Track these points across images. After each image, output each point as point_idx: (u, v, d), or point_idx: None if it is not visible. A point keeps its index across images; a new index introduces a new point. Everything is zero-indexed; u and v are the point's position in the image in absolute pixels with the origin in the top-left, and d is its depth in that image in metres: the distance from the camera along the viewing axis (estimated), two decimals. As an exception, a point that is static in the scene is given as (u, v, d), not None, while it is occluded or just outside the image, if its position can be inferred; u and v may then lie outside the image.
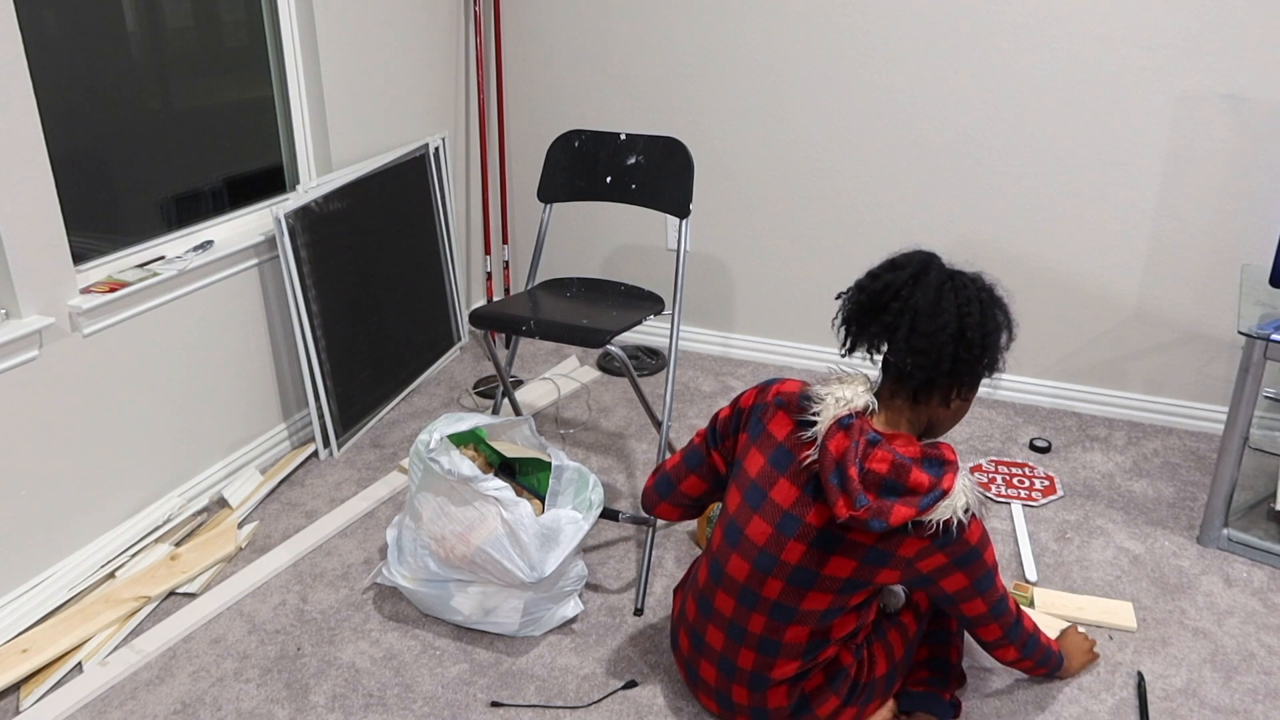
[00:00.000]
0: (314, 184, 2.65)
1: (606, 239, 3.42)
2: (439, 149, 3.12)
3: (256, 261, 2.55)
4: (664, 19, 3.07)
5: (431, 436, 2.02)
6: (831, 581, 1.58)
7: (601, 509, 2.10)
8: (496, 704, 1.87)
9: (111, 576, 2.19)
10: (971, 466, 2.67)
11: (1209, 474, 2.67)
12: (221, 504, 2.50)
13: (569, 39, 3.20)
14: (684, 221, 2.45)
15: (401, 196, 2.94)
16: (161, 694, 1.89)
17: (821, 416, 1.58)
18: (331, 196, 2.63)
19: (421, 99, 3.07)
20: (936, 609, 1.81)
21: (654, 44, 3.11)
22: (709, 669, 1.73)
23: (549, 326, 2.15)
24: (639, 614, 2.11)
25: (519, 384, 3.16)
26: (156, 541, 2.30)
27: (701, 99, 3.12)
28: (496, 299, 3.60)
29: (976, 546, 1.57)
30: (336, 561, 2.28)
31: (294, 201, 2.50)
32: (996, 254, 2.95)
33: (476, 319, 2.23)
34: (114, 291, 2.15)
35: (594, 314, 2.28)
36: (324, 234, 2.60)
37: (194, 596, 2.15)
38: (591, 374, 3.23)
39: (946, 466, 1.54)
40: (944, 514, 1.51)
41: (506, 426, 2.24)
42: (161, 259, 2.36)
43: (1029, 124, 2.79)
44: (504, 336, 3.48)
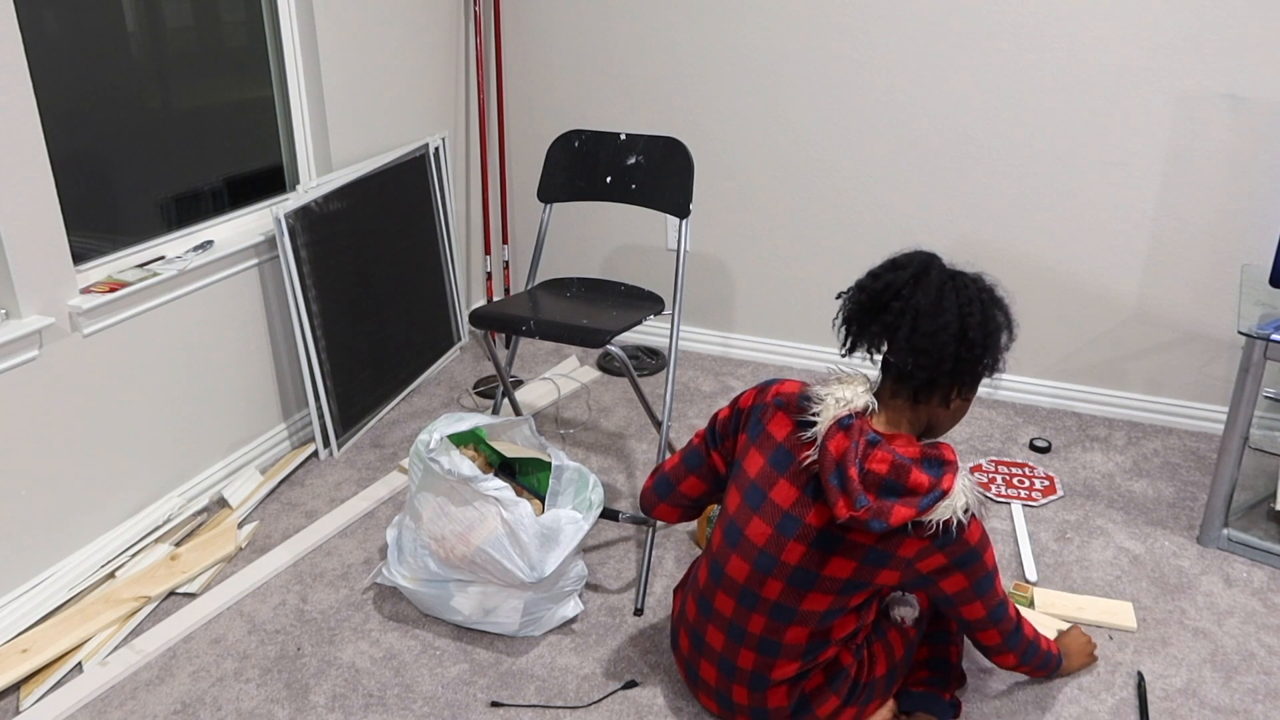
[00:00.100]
0: (314, 184, 2.65)
1: (606, 239, 3.42)
2: (439, 149, 3.12)
3: (256, 261, 2.55)
4: (664, 19, 3.07)
5: (431, 436, 2.02)
6: (831, 582, 1.58)
7: (601, 509, 2.10)
8: (496, 704, 1.87)
9: (111, 576, 2.19)
10: (971, 466, 2.67)
11: (1209, 474, 2.67)
12: (221, 504, 2.50)
13: (569, 39, 3.20)
14: (684, 221, 2.45)
15: (401, 196, 2.94)
16: (161, 694, 1.89)
17: (821, 417, 1.58)
18: (331, 196, 2.63)
19: (421, 99, 3.07)
20: (937, 609, 1.81)
21: (654, 44, 3.11)
22: (709, 669, 1.73)
23: (549, 326, 2.15)
24: (639, 614, 2.11)
25: (519, 384, 3.16)
26: (156, 541, 2.30)
27: (701, 99, 3.12)
28: (496, 299, 3.60)
29: (976, 547, 1.57)
30: (336, 561, 2.28)
31: (294, 201, 2.50)
32: (996, 254, 2.95)
33: (476, 319, 2.23)
34: (114, 291, 2.15)
35: (594, 314, 2.27)
36: (324, 234, 2.60)
37: (194, 596, 2.15)
38: (591, 374, 3.23)
39: (946, 467, 1.55)
40: (944, 514, 1.51)
41: (506, 426, 2.24)
42: (161, 259, 2.36)
43: (1029, 124, 2.79)
44: (504, 336, 3.48)
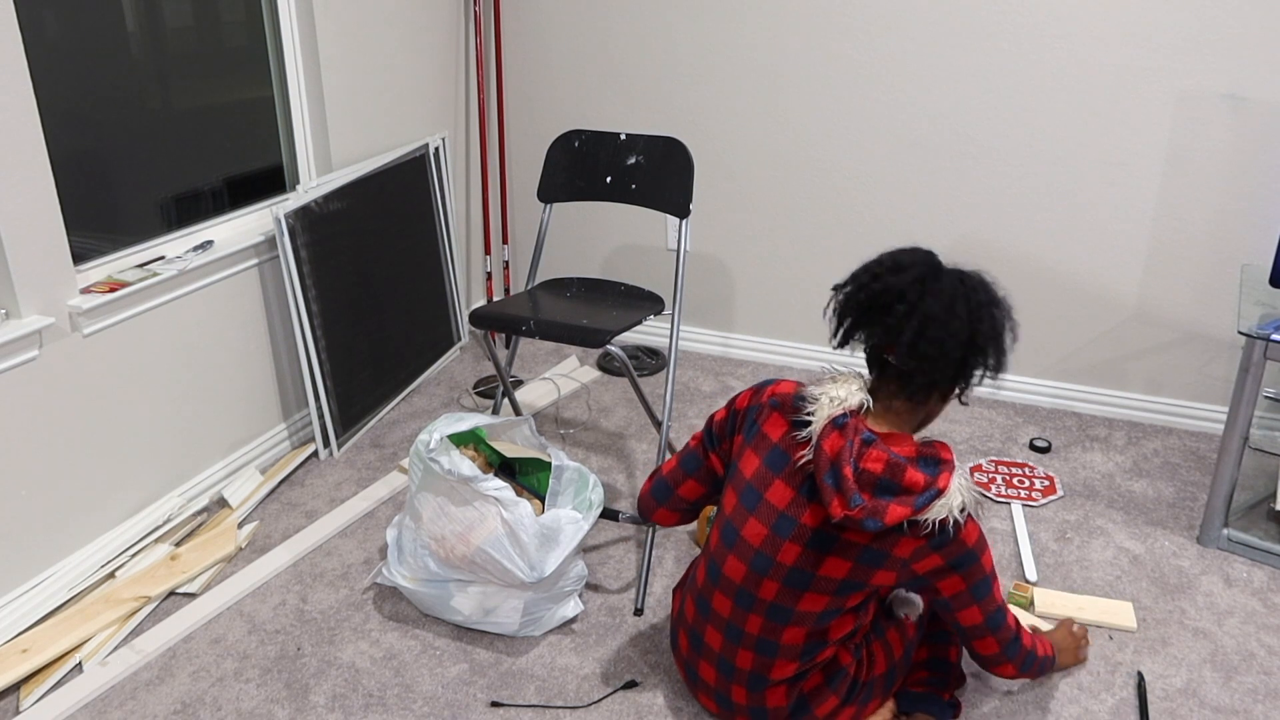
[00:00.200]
0: (314, 184, 2.65)
1: (606, 239, 3.42)
2: (439, 149, 3.12)
3: (256, 261, 2.55)
4: (664, 19, 3.07)
5: (431, 436, 2.02)
6: (827, 582, 1.58)
7: (601, 509, 2.10)
8: (496, 704, 1.87)
9: (111, 576, 2.19)
10: (971, 466, 2.67)
11: (1209, 474, 2.67)
12: (221, 504, 2.50)
13: (569, 39, 3.20)
14: (684, 221, 2.45)
15: (401, 196, 2.94)
16: (161, 694, 1.89)
17: (816, 416, 1.58)
18: (331, 196, 2.63)
19: (421, 99, 3.07)
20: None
21: (654, 44, 3.11)
22: (708, 669, 1.73)
23: (549, 326, 2.15)
24: (639, 614, 2.11)
25: (519, 384, 3.16)
26: (156, 541, 2.30)
27: (701, 99, 3.12)
28: (496, 299, 3.60)
29: (973, 549, 1.57)
30: (336, 561, 2.28)
31: (294, 201, 2.50)
32: (996, 254, 2.95)
33: (476, 319, 2.23)
34: (114, 291, 2.15)
35: (594, 314, 2.28)
36: (324, 234, 2.60)
37: (194, 596, 2.15)
38: (591, 374, 3.23)
39: (942, 465, 1.54)
40: (939, 513, 1.51)
41: (506, 426, 2.24)
42: (161, 259, 2.36)
43: (1029, 124, 2.79)
44: (504, 336, 3.48)
